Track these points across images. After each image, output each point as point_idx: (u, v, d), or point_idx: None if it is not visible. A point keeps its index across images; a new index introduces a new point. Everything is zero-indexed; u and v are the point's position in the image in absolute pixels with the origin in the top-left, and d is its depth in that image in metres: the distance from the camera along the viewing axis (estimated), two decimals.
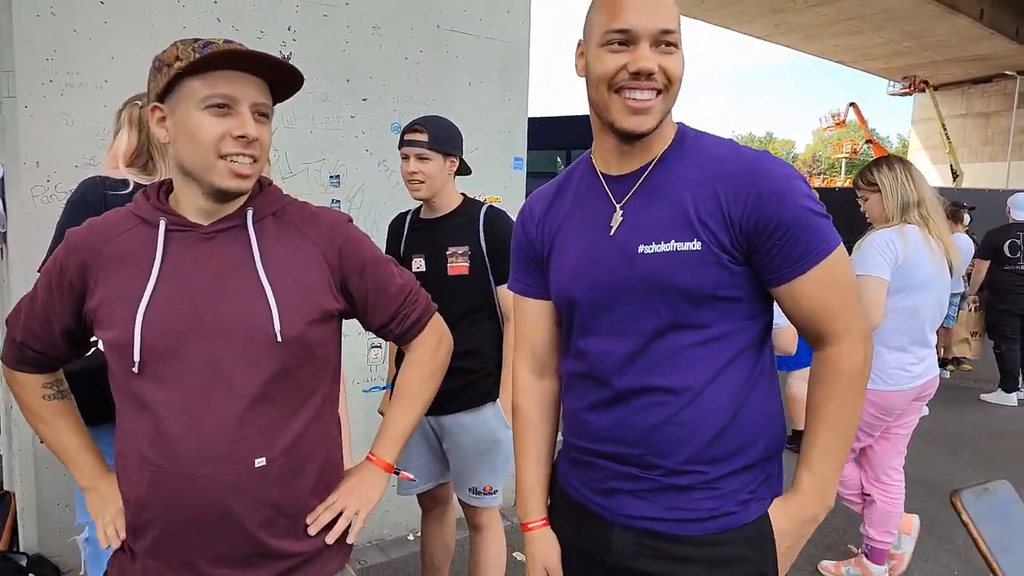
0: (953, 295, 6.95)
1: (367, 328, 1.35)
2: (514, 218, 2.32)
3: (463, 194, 2.38)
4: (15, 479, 2.62)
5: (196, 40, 1.11)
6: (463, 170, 2.36)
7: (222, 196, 1.15)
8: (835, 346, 1.16)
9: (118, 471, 1.20)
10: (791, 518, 1.19)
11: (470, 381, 2.26)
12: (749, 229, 1.12)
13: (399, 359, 2.42)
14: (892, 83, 32.22)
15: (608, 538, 1.23)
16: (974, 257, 6.73)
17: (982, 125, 30.58)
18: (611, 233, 1.20)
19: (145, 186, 1.93)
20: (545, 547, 1.35)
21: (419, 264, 2.30)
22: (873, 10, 22.25)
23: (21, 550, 2.59)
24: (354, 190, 3.16)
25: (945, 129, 29.42)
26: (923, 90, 30.27)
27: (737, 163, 1.14)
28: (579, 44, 1.21)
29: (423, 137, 2.20)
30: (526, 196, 3.88)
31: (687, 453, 1.17)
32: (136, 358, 1.10)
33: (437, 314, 1.41)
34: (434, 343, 1.39)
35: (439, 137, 2.22)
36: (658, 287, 1.15)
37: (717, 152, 1.18)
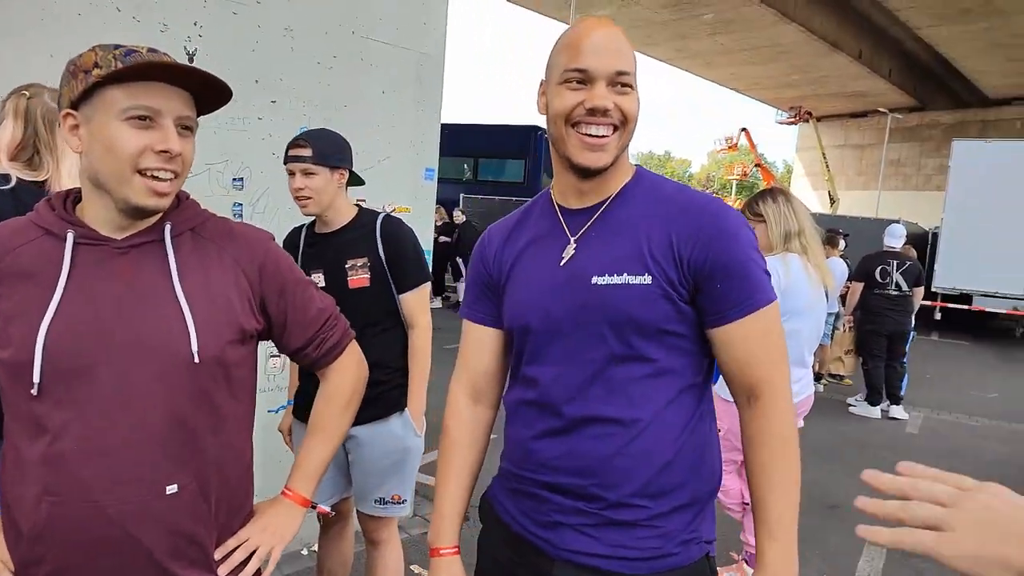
0: (828, 314, 7.50)
1: (282, 351, 1.31)
2: (411, 226, 2.35)
3: (358, 204, 2.35)
4: None
5: (118, 47, 1.05)
6: (355, 181, 2.33)
7: (137, 213, 1.09)
8: (763, 399, 1.19)
9: (10, 503, 1.10)
10: None
11: (378, 393, 2.24)
12: (696, 267, 1.16)
13: (304, 372, 2.37)
14: (780, 112, 34.37)
15: (549, 572, 1.23)
16: (848, 280, 7.29)
17: (858, 156, 33.06)
18: (561, 264, 1.23)
19: (28, 182, 1.83)
20: (455, 574, 1.35)
21: (318, 279, 2.25)
22: (766, 43, 23.66)
23: None
24: (258, 194, 3.07)
25: (825, 158, 31.64)
26: (807, 120, 32.44)
27: (691, 205, 1.20)
28: (541, 83, 1.26)
29: (307, 152, 2.16)
30: (436, 202, 3.87)
31: (634, 485, 1.18)
32: (36, 379, 1.02)
33: (354, 341, 1.38)
34: (351, 371, 1.36)
35: (324, 151, 2.18)
36: (610, 317, 1.18)
37: (672, 194, 1.24)
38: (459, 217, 12.71)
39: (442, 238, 12.18)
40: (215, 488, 1.15)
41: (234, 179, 3.00)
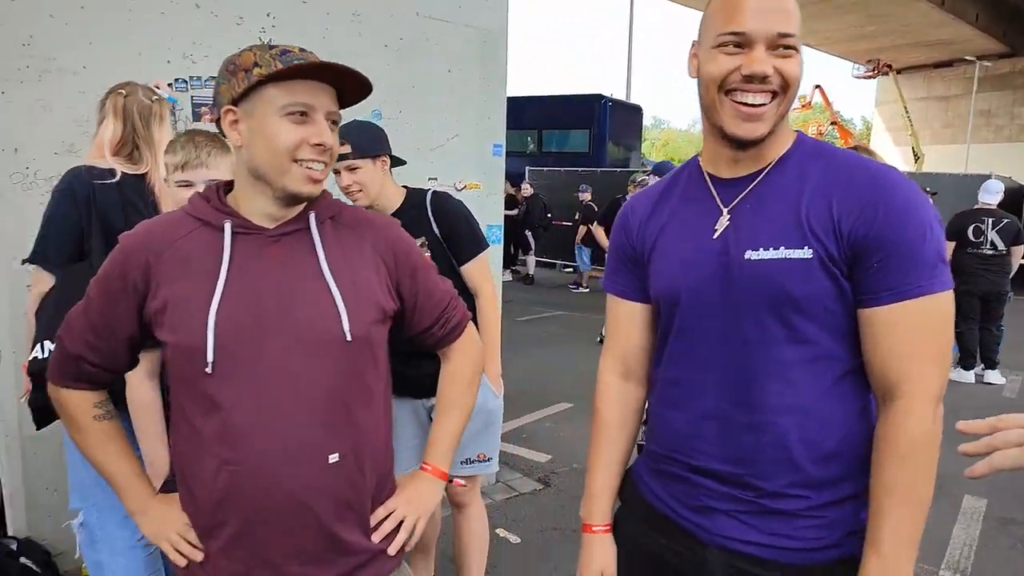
0: None
1: (409, 332, 1.36)
2: (459, 199, 2.38)
3: (404, 186, 2.39)
4: (1, 464, 2.62)
5: (272, 47, 1.13)
6: (396, 163, 2.37)
7: (292, 200, 1.17)
8: (903, 400, 1.04)
9: (185, 474, 1.20)
10: None
11: None
12: (856, 241, 1.05)
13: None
14: (857, 66, 32.69)
15: (702, 557, 1.17)
16: None
17: (943, 108, 31.21)
18: (714, 236, 1.15)
19: (130, 175, 1.96)
20: (606, 553, 1.32)
21: None
22: None
23: (10, 535, 2.60)
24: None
25: (907, 112, 29.99)
26: (886, 73, 30.77)
27: (860, 174, 1.08)
28: (692, 44, 1.17)
29: (346, 149, 2.18)
30: (505, 176, 3.90)
31: (792, 477, 1.10)
32: (210, 359, 1.11)
33: (471, 323, 1.45)
34: (472, 350, 1.43)
35: (362, 144, 2.21)
36: (766, 294, 1.09)
37: (838, 161, 1.11)
38: (526, 190, 12.67)
39: (504, 212, 12.22)
40: (367, 459, 1.22)
41: None
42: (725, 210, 1.15)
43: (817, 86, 33.61)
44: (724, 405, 1.14)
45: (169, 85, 2.66)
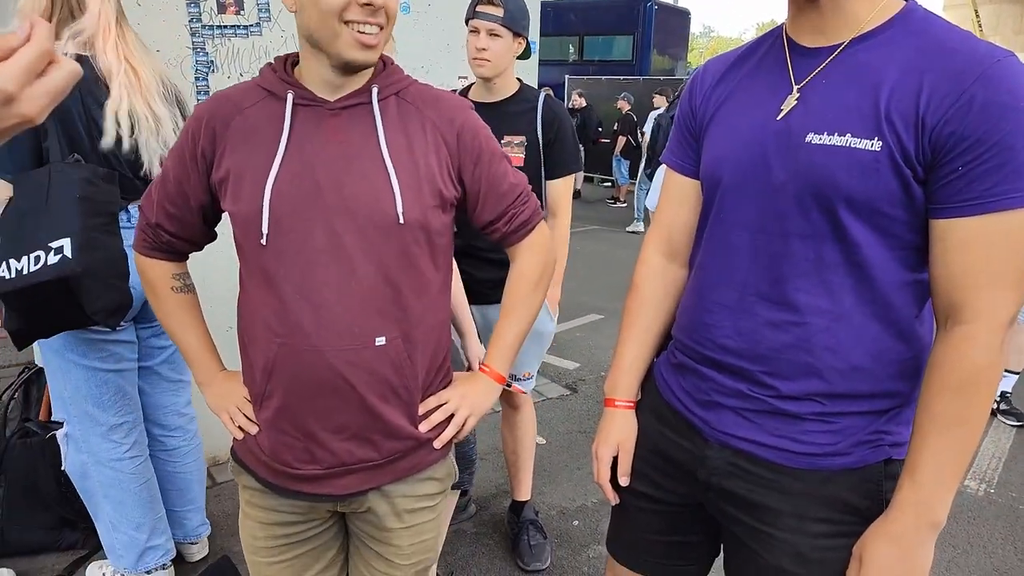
0: None
1: (474, 222, 1.31)
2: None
3: (519, 79, 2.25)
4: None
5: None
6: (524, 54, 2.20)
7: (348, 68, 1.13)
8: (969, 325, 0.94)
9: (246, 339, 1.23)
10: (879, 538, 0.99)
11: None
12: (941, 139, 0.91)
13: None
14: None
15: (703, 454, 1.15)
16: None
17: (1018, 13, 28.97)
18: (778, 117, 1.03)
19: (82, 55, 1.79)
20: (626, 427, 1.28)
21: None
22: None
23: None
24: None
25: (978, 16, 27.91)
26: None
27: (964, 55, 0.92)
28: None
29: (499, 12, 2.04)
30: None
31: (811, 383, 1.04)
32: (265, 230, 1.12)
33: (544, 222, 1.36)
34: (540, 251, 1.34)
35: (515, 15, 2.06)
36: (817, 184, 0.98)
37: (943, 39, 0.95)
38: (577, 101, 12.19)
39: None
40: (418, 346, 1.21)
41: None
42: (796, 87, 1.03)
43: None
44: (750, 297, 1.07)
45: None
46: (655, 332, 1.30)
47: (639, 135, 10.71)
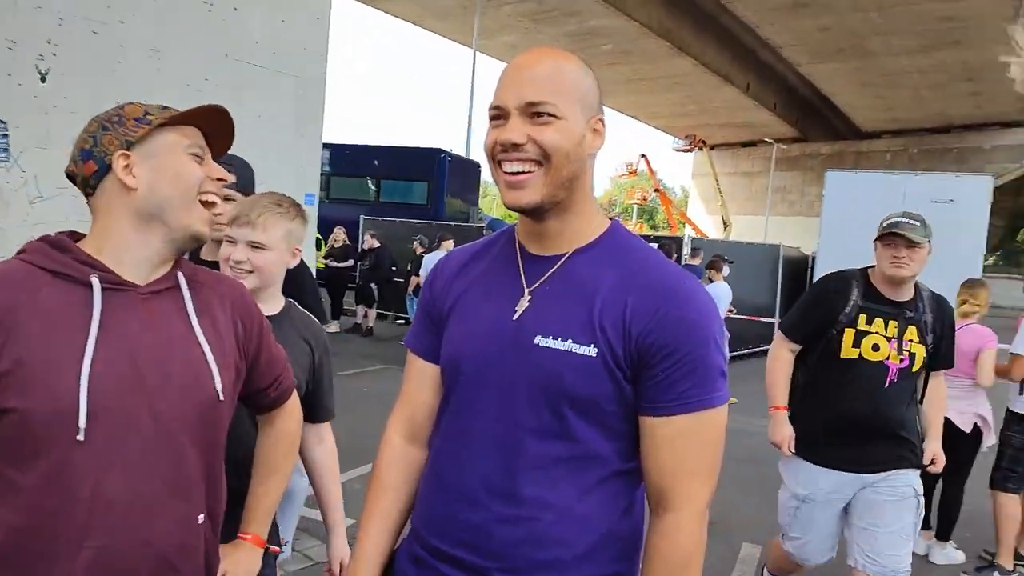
0: None
1: (245, 390, 1.31)
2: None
3: None
4: None
5: (143, 103, 1.17)
6: None
7: (190, 242, 1.17)
8: (674, 514, 1.06)
9: (28, 553, 1.04)
10: None
11: None
12: (644, 346, 1.03)
13: None
14: (676, 140, 35.93)
15: None
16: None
17: (748, 183, 35.00)
18: (514, 317, 1.11)
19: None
20: None
21: None
22: (663, 74, 24.80)
23: None
24: None
25: (719, 184, 33.32)
26: (701, 148, 34.11)
27: (656, 278, 1.07)
28: None
29: (231, 178, 2.08)
30: (319, 230, 3.81)
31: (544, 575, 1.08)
32: (82, 424, 1.02)
33: (295, 391, 1.45)
34: (296, 414, 1.44)
35: (246, 179, 2.08)
36: (545, 384, 1.06)
37: (641, 260, 1.10)
38: (371, 242, 12.31)
39: (332, 263, 11.83)
40: (219, 516, 1.23)
41: None
42: (527, 290, 1.12)
43: (643, 155, 36.49)
44: (483, 491, 1.09)
45: None
46: (395, 518, 1.28)
47: None
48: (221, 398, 1.17)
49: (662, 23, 20.49)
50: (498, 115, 1.08)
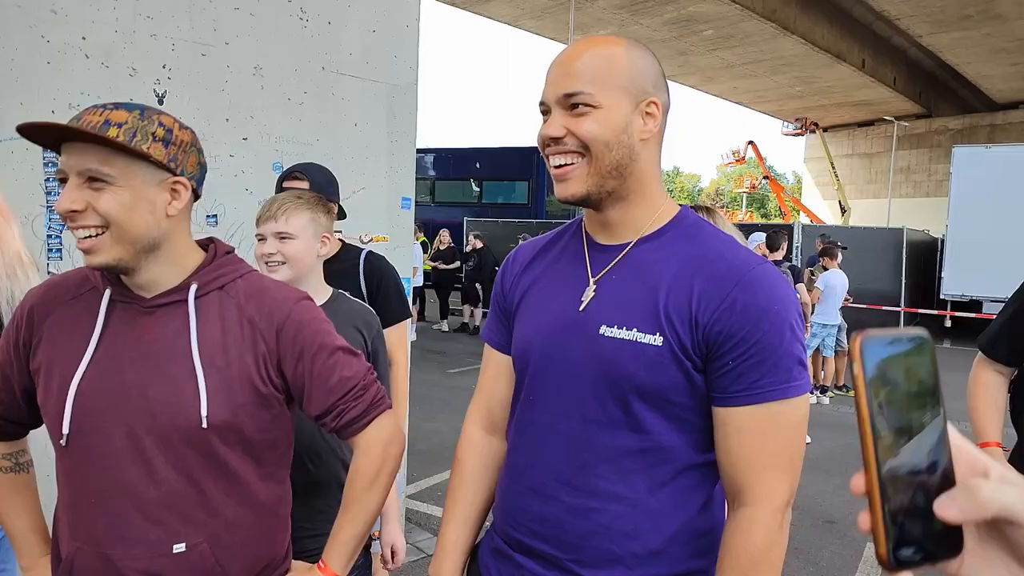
0: (833, 327, 7.44)
1: (307, 417, 1.26)
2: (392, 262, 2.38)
3: (340, 239, 2.38)
4: None
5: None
6: (340, 215, 2.38)
7: (106, 271, 1.12)
8: (750, 508, 1.02)
9: (57, 531, 1.18)
10: None
11: None
12: (712, 335, 1.01)
13: None
14: (786, 124, 34.30)
15: None
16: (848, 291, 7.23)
17: (867, 164, 32.88)
18: (580, 308, 1.11)
19: None
20: None
21: None
22: (768, 56, 23.70)
23: None
24: (232, 229, 3.13)
25: (834, 168, 31.49)
26: (813, 131, 32.35)
27: (727, 263, 1.04)
28: None
29: (304, 184, 2.19)
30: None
31: (615, 572, 1.07)
32: (65, 431, 1.08)
33: (388, 413, 1.28)
34: (377, 447, 1.25)
35: (320, 183, 2.22)
36: (610, 374, 1.05)
37: (711, 246, 1.08)
38: (474, 243, 12.50)
39: (440, 265, 12.14)
40: (233, 549, 1.15)
41: (208, 215, 3.06)
42: (592, 280, 1.12)
43: (750, 142, 35.09)
44: (553, 483, 1.10)
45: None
46: (478, 508, 1.30)
47: None
48: (205, 425, 1.09)
49: (765, 3, 19.60)
50: (544, 111, 1.10)
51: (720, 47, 23.24)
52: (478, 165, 16.86)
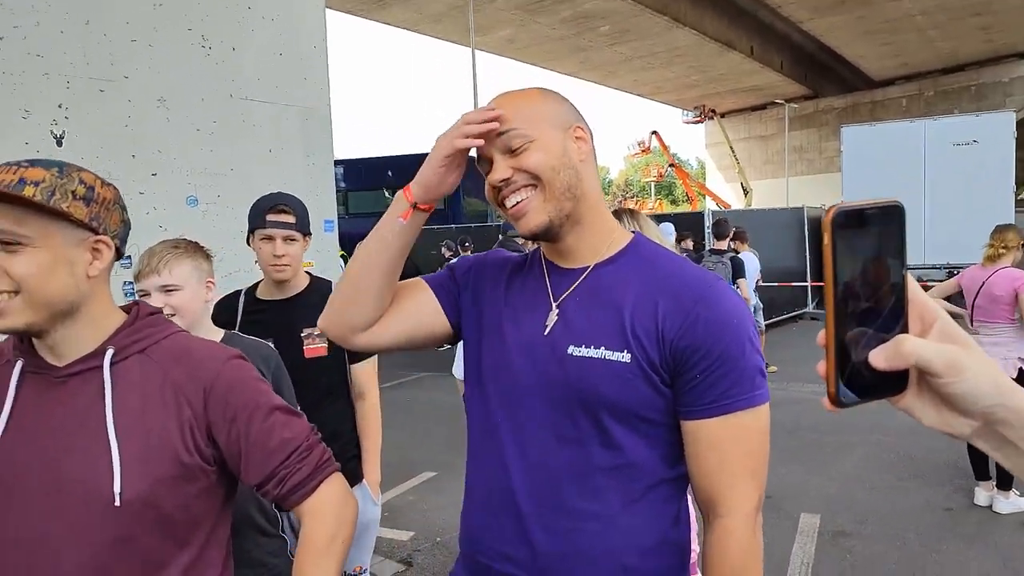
0: (750, 307, 7.79)
1: (246, 486, 1.17)
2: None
3: (308, 272, 2.33)
4: None
5: None
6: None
7: (16, 335, 1.07)
8: (724, 519, 1.06)
9: None
10: None
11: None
12: (679, 350, 1.05)
13: None
14: (686, 112, 35.53)
15: None
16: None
17: (763, 147, 34.46)
18: (545, 332, 1.13)
19: None
20: None
21: None
22: (663, 48, 24.49)
23: None
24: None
25: (733, 151, 32.88)
26: (712, 118, 33.65)
27: (686, 282, 1.09)
28: None
29: (291, 219, 2.14)
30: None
31: None
32: None
33: (336, 476, 1.18)
34: (329, 512, 1.13)
35: (303, 218, 2.19)
36: (582, 392, 1.08)
37: (667, 267, 1.13)
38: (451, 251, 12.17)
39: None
40: None
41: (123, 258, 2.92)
42: (555, 304, 1.15)
43: (654, 132, 36.10)
44: (529, 503, 1.10)
45: None
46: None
47: None
48: (118, 502, 1.01)
49: None
50: (487, 167, 1.14)
51: (617, 42, 23.84)
52: (390, 173, 16.67)
